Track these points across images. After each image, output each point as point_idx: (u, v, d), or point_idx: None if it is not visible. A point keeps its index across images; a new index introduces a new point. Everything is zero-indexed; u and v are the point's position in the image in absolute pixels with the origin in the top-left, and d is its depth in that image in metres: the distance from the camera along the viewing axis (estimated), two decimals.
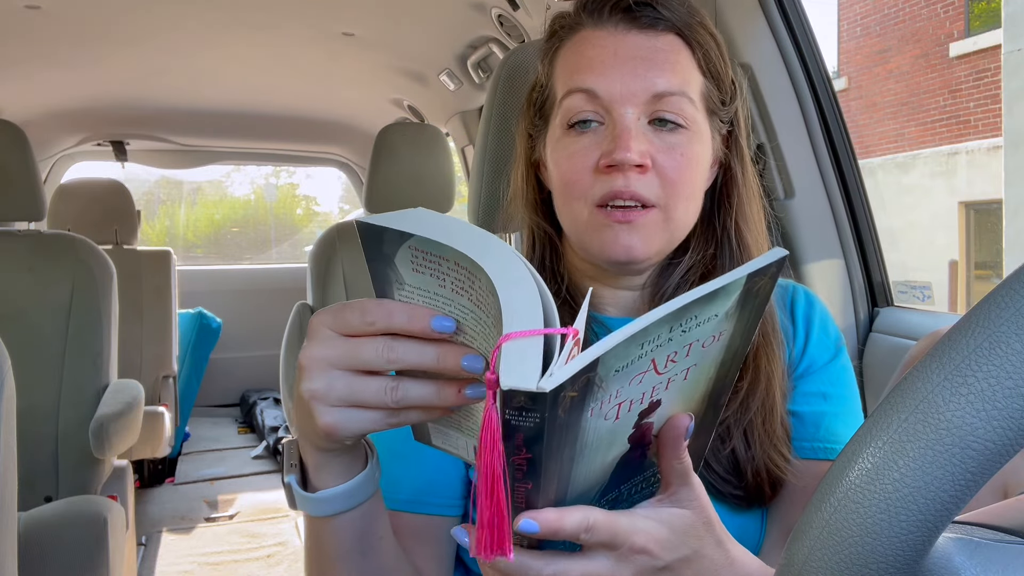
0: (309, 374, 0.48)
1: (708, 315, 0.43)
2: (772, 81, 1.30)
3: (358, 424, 0.49)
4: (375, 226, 0.45)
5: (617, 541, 0.46)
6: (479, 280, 0.43)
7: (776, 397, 0.70)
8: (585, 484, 0.47)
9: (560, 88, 0.71)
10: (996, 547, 0.32)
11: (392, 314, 0.47)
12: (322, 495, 0.56)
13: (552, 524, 0.43)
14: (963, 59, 7.76)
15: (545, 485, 0.43)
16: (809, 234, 1.33)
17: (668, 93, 0.66)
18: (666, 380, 0.45)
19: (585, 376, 0.39)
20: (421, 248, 0.45)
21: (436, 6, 1.89)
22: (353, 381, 0.48)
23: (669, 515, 0.48)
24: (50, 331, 1.82)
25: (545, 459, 0.41)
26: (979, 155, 7.41)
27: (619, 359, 0.40)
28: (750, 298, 0.45)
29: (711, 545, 0.50)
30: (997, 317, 0.28)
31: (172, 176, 7.85)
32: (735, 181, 0.74)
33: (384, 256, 0.46)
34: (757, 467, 0.68)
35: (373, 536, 0.60)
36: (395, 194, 2.10)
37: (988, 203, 7.24)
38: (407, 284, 0.47)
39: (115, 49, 2.21)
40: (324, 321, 0.49)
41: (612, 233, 0.66)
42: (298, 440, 0.57)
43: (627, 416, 0.45)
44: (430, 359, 0.47)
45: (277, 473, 3.56)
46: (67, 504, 1.64)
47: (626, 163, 0.64)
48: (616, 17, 0.68)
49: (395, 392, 0.48)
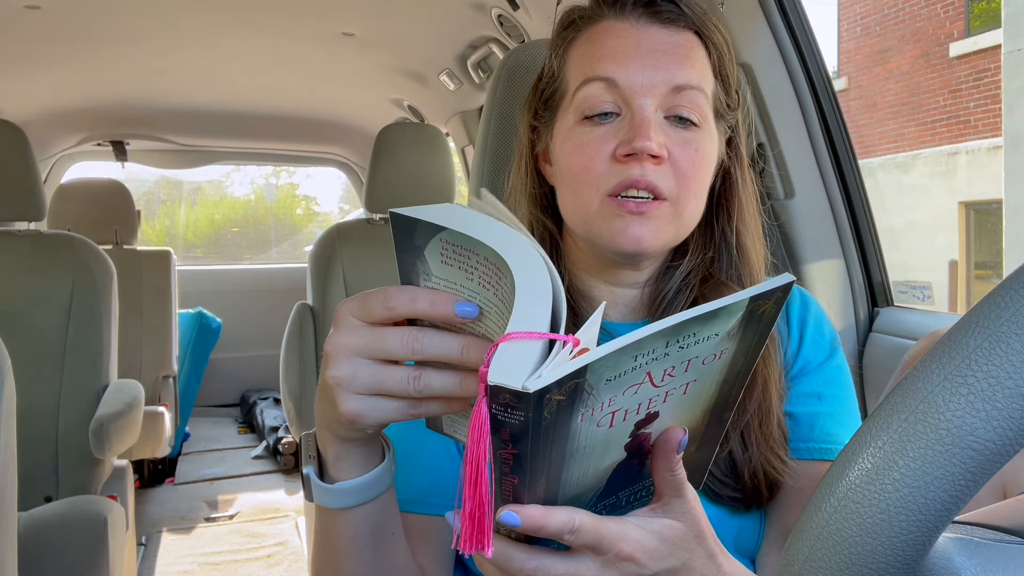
0: (334, 361, 0.49)
1: (708, 333, 0.43)
2: (772, 81, 1.30)
3: (381, 413, 0.49)
4: (408, 217, 0.45)
5: (603, 546, 0.46)
6: (505, 278, 0.44)
7: (772, 400, 0.70)
8: (579, 487, 0.47)
9: (575, 78, 0.70)
10: (996, 547, 0.32)
11: (415, 299, 0.47)
12: (341, 486, 0.56)
13: (536, 520, 0.44)
14: (963, 59, 7.75)
15: (532, 482, 0.43)
16: (809, 234, 1.33)
17: (688, 86, 0.67)
18: (663, 393, 0.45)
19: (573, 382, 0.39)
20: (452, 242, 0.45)
21: (436, 6, 1.89)
22: (377, 370, 0.48)
23: (660, 525, 0.48)
24: (50, 331, 1.82)
25: (531, 456, 0.41)
26: (979, 155, 7.41)
27: (611, 369, 0.40)
28: (753, 320, 0.45)
29: (701, 558, 0.50)
30: (997, 317, 0.28)
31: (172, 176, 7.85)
32: (735, 187, 0.75)
33: (414, 247, 0.47)
34: (754, 469, 0.69)
35: (386, 531, 0.61)
36: (395, 194, 2.10)
37: (988, 203, 7.24)
38: (434, 276, 0.48)
39: (115, 49, 2.21)
40: (350, 309, 0.49)
41: (623, 223, 0.66)
42: (317, 431, 0.57)
43: (622, 425, 0.45)
44: (454, 350, 0.47)
45: (277, 473, 3.58)
46: (67, 504, 1.64)
47: (645, 151, 0.64)
48: (639, 10, 0.69)
49: (418, 381, 0.48)
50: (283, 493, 3.24)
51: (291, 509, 3.06)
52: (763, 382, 0.70)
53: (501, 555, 0.47)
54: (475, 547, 0.42)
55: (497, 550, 0.47)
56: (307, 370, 1.95)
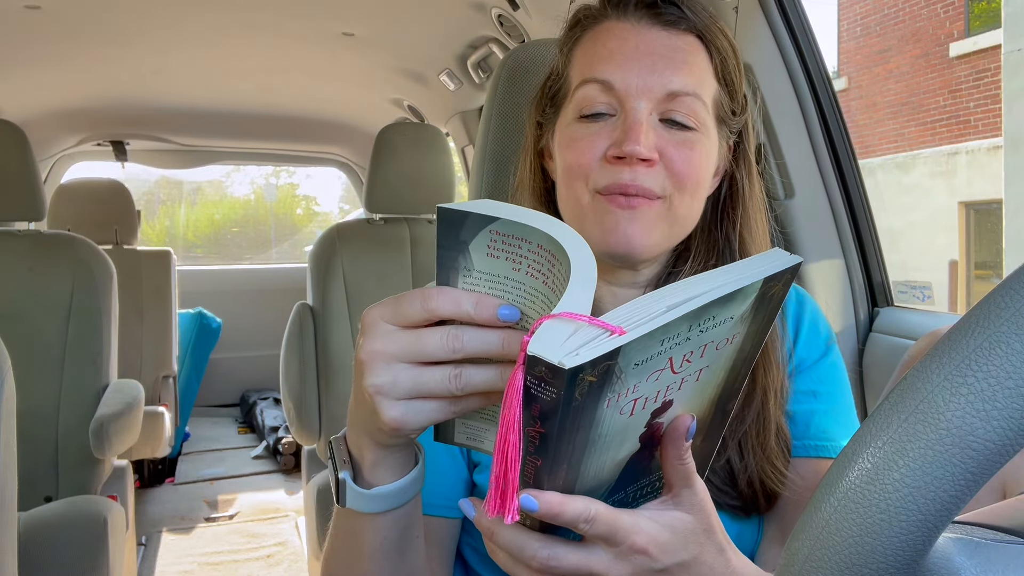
0: (371, 369, 0.48)
1: (725, 316, 0.44)
2: (772, 81, 1.30)
3: (424, 415, 0.49)
4: (458, 211, 0.46)
5: (617, 538, 0.46)
6: (559, 264, 0.45)
7: (771, 409, 0.70)
8: (595, 480, 0.47)
9: (576, 77, 0.71)
10: (996, 547, 0.32)
11: (459, 302, 0.47)
12: (378, 491, 0.55)
13: (554, 507, 0.44)
14: (963, 59, 7.75)
15: (554, 466, 0.44)
16: (809, 234, 1.33)
17: (683, 93, 0.67)
18: (680, 380, 0.45)
19: (606, 364, 0.39)
20: (504, 232, 0.46)
21: (436, 6, 1.89)
22: (417, 372, 0.48)
23: (671, 518, 0.48)
24: (50, 331, 1.82)
25: (557, 436, 0.42)
26: (979, 155, 7.41)
27: (640, 352, 0.41)
28: (764, 302, 0.46)
29: (711, 552, 0.50)
30: (997, 317, 0.28)
31: (172, 176, 7.85)
32: (741, 193, 0.75)
33: (459, 242, 0.47)
34: (751, 478, 0.69)
35: (413, 535, 0.61)
36: (395, 194, 2.10)
37: (988, 203, 7.24)
38: (475, 270, 0.48)
39: (115, 49, 2.21)
40: (381, 315, 0.49)
41: (613, 219, 0.66)
42: (351, 437, 0.56)
43: (641, 414, 0.45)
44: (495, 345, 0.47)
45: (277, 473, 3.58)
46: (67, 504, 1.64)
47: (635, 155, 0.64)
48: (640, 11, 0.69)
49: (459, 379, 0.48)
50: (283, 493, 3.24)
51: (291, 509, 3.06)
52: (762, 392, 0.70)
53: (513, 542, 0.47)
54: (498, 512, 0.43)
55: (510, 537, 0.47)
56: (307, 370, 1.95)
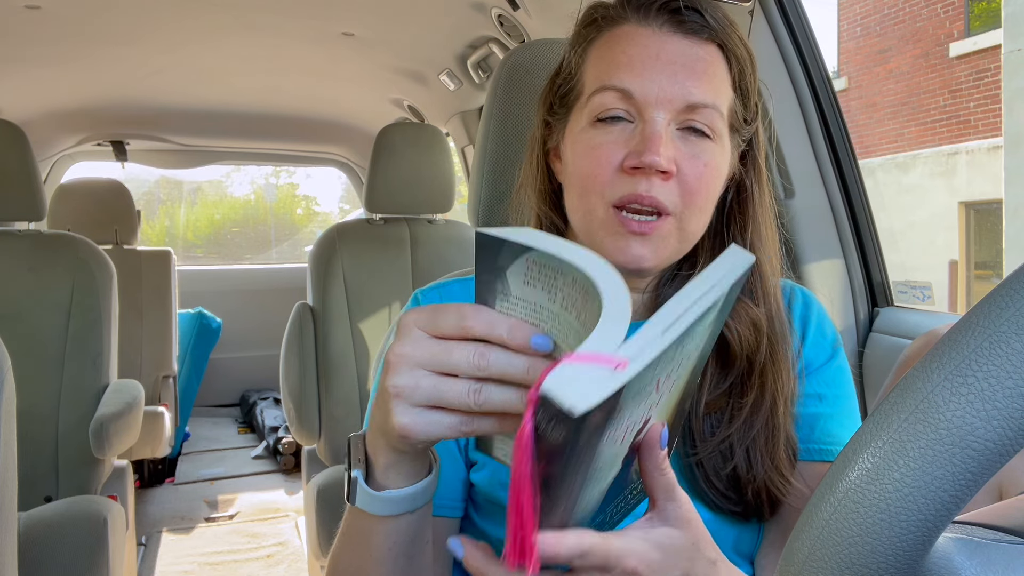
0: (396, 370, 0.48)
1: (701, 326, 0.44)
2: (772, 81, 1.30)
3: (434, 428, 0.49)
4: (495, 237, 0.45)
5: (610, 564, 0.45)
6: (592, 302, 0.44)
7: (780, 417, 0.69)
8: (585, 511, 0.47)
9: (592, 80, 0.69)
10: (996, 547, 0.32)
11: (494, 325, 0.47)
12: (390, 495, 0.55)
13: (550, 547, 0.43)
14: (963, 59, 7.75)
15: (554, 505, 0.43)
16: (809, 234, 1.33)
17: (702, 105, 0.66)
18: (660, 397, 0.45)
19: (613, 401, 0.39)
20: (540, 262, 0.45)
21: (436, 6, 1.89)
22: (438, 381, 0.48)
23: (660, 535, 0.48)
24: (50, 331, 1.82)
25: (560, 477, 0.41)
26: (979, 155, 7.41)
27: (639, 382, 0.40)
28: (727, 304, 0.46)
29: (703, 565, 0.50)
30: (997, 317, 0.28)
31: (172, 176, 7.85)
32: (751, 200, 0.74)
33: (497, 268, 0.47)
34: (757, 487, 0.68)
35: (423, 541, 0.61)
36: (395, 194, 2.10)
37: (988, 203, 7.24)
38: (513, 296, 0.48)
39: (115, 49, 2.21)
40: (417, 321, 0.49)
41: (625, 242, 0.66)
42: (369, 437, 0.56)
43: (628, 438, 0.45)
44: (520, 369, 0.47)
45: (277, 473, 3.57)
46: (67, 504, 1.64)
47: (654, 167, 0.63)
48: (663, 17, 0.67)
49: (478, 395, 0.47)
50: (283, 493, 3.24)
51: (291, 509, 3.06)
52: (771, 398, 0.69)
53: None
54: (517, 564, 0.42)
55: None
56: (307, 370, 1.95)
